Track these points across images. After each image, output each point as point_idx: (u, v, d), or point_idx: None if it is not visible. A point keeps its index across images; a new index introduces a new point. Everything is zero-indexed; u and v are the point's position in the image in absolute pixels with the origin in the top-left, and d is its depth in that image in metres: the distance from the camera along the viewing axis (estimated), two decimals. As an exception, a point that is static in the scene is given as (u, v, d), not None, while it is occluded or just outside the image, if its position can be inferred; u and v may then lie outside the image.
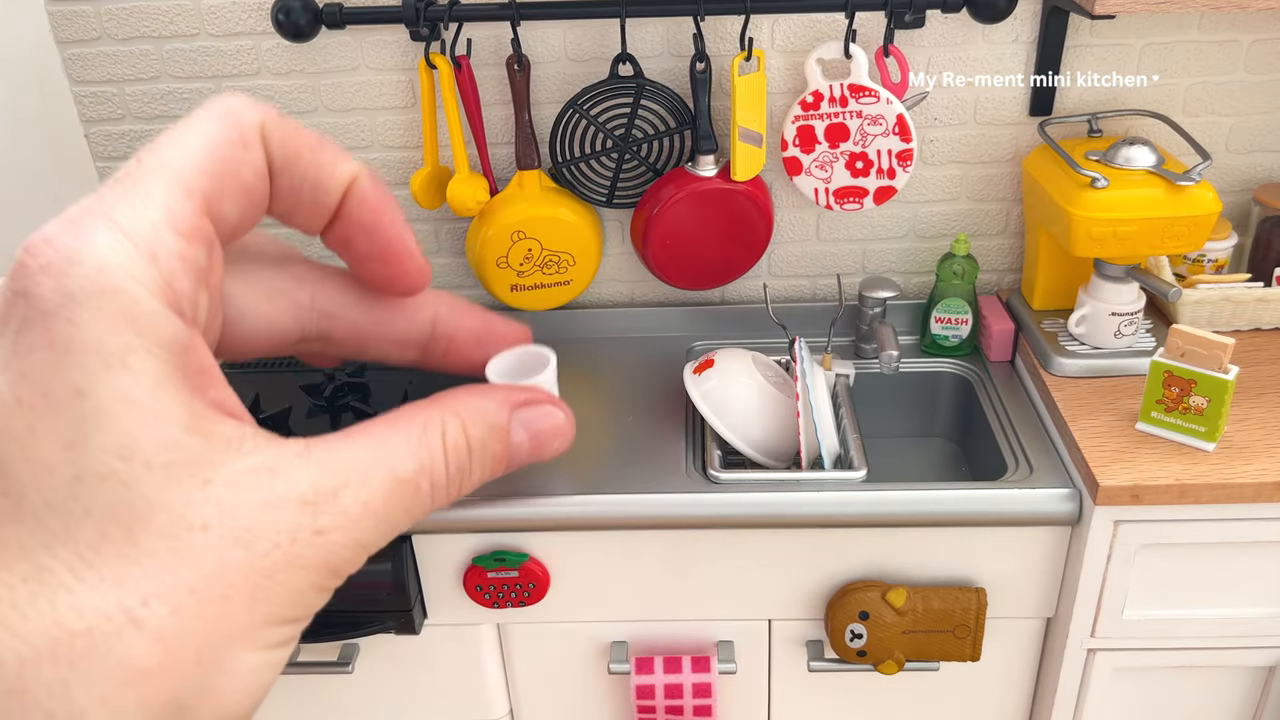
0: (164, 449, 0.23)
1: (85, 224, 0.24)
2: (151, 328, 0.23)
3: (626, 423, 1.31)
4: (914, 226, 1.48)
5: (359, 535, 0.25)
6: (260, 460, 0.24)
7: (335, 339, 0.32)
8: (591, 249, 1.38)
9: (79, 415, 0.22)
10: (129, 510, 0.22)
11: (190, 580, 0.22)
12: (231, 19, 1.35)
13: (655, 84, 1.32)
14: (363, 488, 0.25)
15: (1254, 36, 1.34)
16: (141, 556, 0.22)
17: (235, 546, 0.23)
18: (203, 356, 0.25)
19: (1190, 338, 1.11)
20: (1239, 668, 1.24)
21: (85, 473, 0.22)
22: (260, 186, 0.27)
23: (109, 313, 0.23)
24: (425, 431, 0.28)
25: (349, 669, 1.27)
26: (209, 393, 0.25)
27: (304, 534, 0.24)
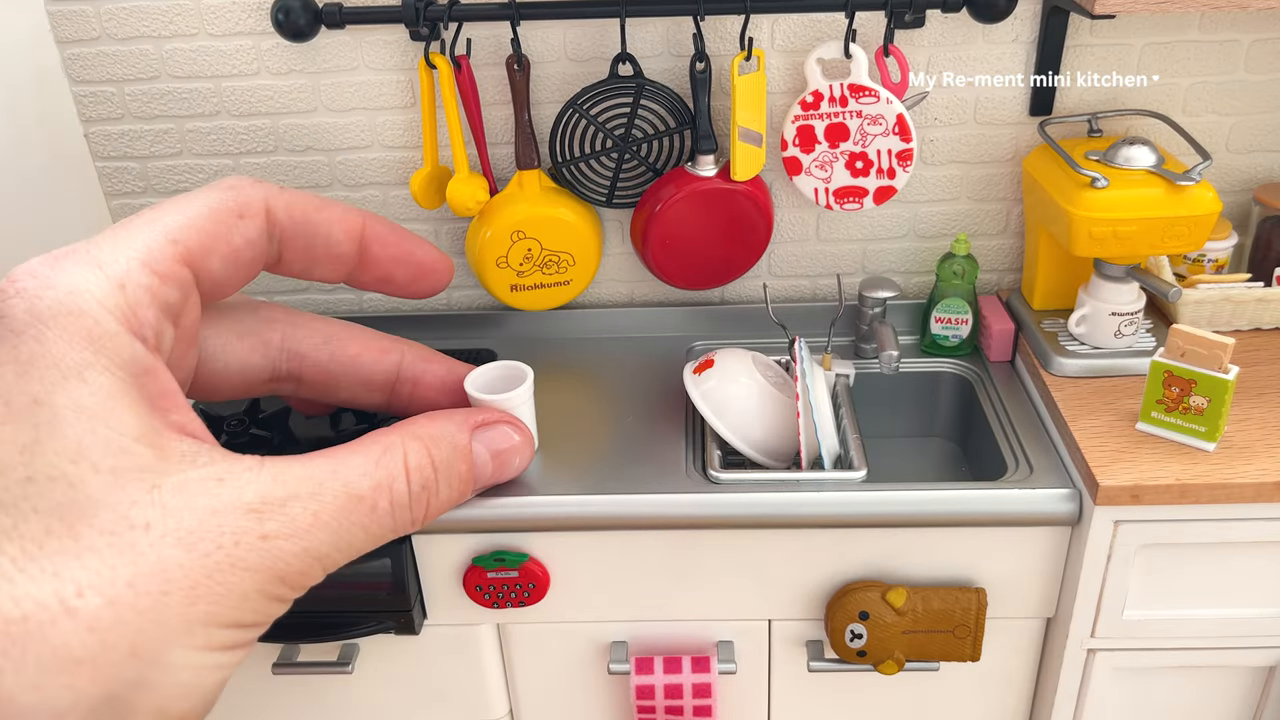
0: (112, 454, 0.24)
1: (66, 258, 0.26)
2: (111, 348, 0.25)
3: (626, 422, 1.31)
4: (914, 226, 1.48)
5: (309, 545, 0.26)
6: (210, 471, 0.25)
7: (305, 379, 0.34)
8: (591, 249, 1.38)
9: (34, 422, 0.23)
10: (74, 509, 0.23)
11: (127, 574, 0.23)
12: (231, 19, 1.35)
13: (655, 84, 1.32)
14: (313, 500, 0.26)
15: (1254, 36, 1.34)
16: (82, 550, 0.23)
17: (177, 546, 0.24)
18: (164, 381, 0.26)
19: (1190, 338, 1.11)
20: (1239, 668, 1.24)
21: (36, 474, 0.23)
22: (249, 252, 0.30)
23: (71, 331, 0.24)
24: (386, 453, 0.29)
25: (349, 669, 1.27)
26: (170, 415, 0.26)
27: (248, 538, 0.25)
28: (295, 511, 0.26)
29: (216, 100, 1.41)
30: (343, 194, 1.48)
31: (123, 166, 1.47)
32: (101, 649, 0.22)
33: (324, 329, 0.35)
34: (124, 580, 0.23)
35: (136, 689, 0.23)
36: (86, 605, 0.22)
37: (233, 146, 1.44)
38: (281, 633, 1.25)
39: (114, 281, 0.26)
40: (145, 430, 0.25)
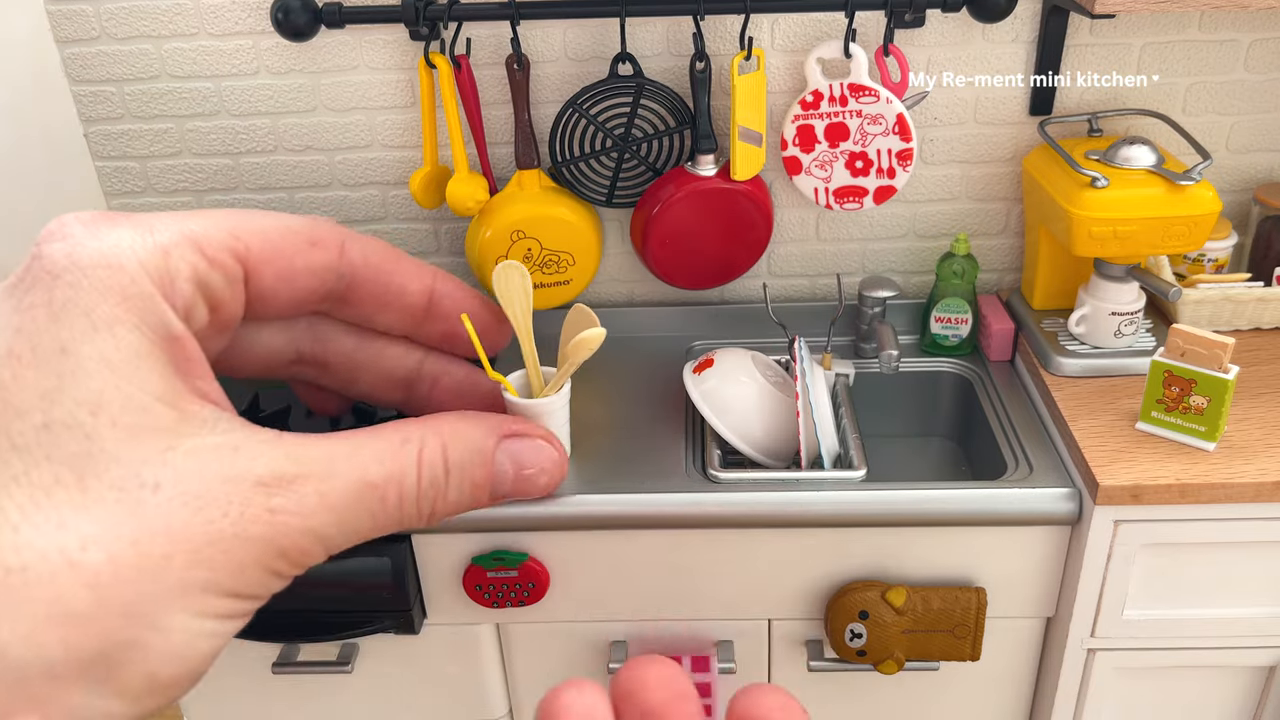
0: (131, 411, 0.24)
1: (121, 217, 0.26)
2: (142, 307, 0.25)
3: (627, 422, 1.31)
4: (914, 226, 1.48)
5: (314, 525, 0.26)
6: (227, 439, 0.25)
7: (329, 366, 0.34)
8: (591, 248, 1.38)
9: (58, 370, 0.23)
10: (86, 460, 0.23)
11: (132, 532, 0.23)
12: (231, 18, 1.35)
13: (655, 83, 1.32)
14: (324, 481, 0.26)
15: (1254, 36, 1.34)
16: (89, 504, 0.22)
17: (183, 509, 0.23)
18: (191, 350, 0.26)
19: (1190, 337, 1.10)
20: (1239, 668, 1.24)
21: (54, 421, 0.23)
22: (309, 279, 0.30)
23: (106, 284, 0.24)
24: (403, 445, 0.28)
25: (348, 669, 1.27)
26: (194, 380, 0.26)
27: (254, 509, 0.25)
28: (305, 491, 0.26)
29: (216, 100, 1.41)
30: (342, 194, 1.48)
31: (123, 166, 1.47)
32: (99, 605, 0.22)
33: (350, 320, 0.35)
34: (128, 538, 0.23)
35: (129, 649, 0.22)
36: (88, 560, 0.22)
37: (232, 146, 1.44)
38: (281, 632, 1.25)
39: (159, 247, 0.26)
40: (167, 391, 0.25)
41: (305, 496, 0.26)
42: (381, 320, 0.34)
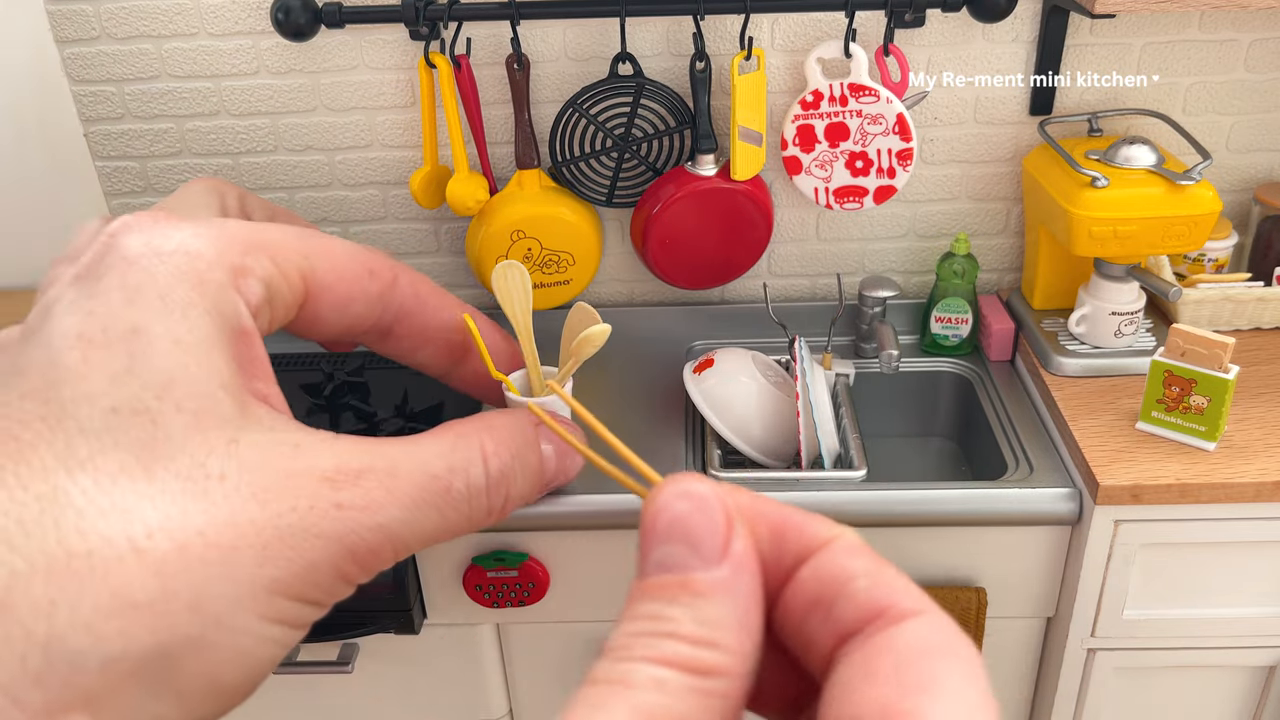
0: (198, 396, 0.23)
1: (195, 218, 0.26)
2: (216, 296, 0.24)
3: (627, 422, 1.31)
4: (914, 226, 1.48)
5: (383, 520, 0.25)
6: (287, 436, 0.25)
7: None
8: (591, 248, 1.38)
9: (129, 351, 0.23)
10: (152, 447, 0.22)
11: (199, 522, 0.22)
12: (231, 18, 1.35)
13: (655, 83, 1.32)
14: (389, 476, 0.25)
15: (1254, 36, 1.34)
16: (155, 492, 0.22)
17: (251, 501, 0.23)
18: (256, 348, 0.26)
19: (1190, 337, 1.10)
20: (1239, 668, 1.24)
21: (122, 405, 0.22)
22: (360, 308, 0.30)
23: (183, 270, 0.24)
24: (460, 439, 0.28)
25: (348, 669, 1.27)
26: (254, 382, 0.25)
27: (323, 504, 0.24)
28: (370, 485, 0.25)
29: (216, 100, 1.41)
30: (342, 193, 1.48)
31: (123, 166, 1.47)
32: (163, 596, 0.21)
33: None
34: (195, 527, 0.22)
35: (191, 647, 0.22)
36: (155, 548, 0.21)
37: (232, 146, 1.44)
38: (281, 632, 1.24)
39: (236, 244, 0.25)
40: (232, 383, 0.24)
41: (371, 491, 0.25)
42: (420, 356, 0.34)
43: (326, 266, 0.28)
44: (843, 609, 0.20)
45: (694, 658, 0.19)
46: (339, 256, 0.29)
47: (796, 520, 0.22)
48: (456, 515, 0.27)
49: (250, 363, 0.25)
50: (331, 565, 0.24)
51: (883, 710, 0.18)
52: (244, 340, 0.25)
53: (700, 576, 0.20)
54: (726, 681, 0.19)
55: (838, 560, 0.21)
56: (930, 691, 0.18)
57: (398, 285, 0.31)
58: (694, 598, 0.20)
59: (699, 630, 0.20)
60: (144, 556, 0.21)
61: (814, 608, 0.20)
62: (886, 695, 0.18)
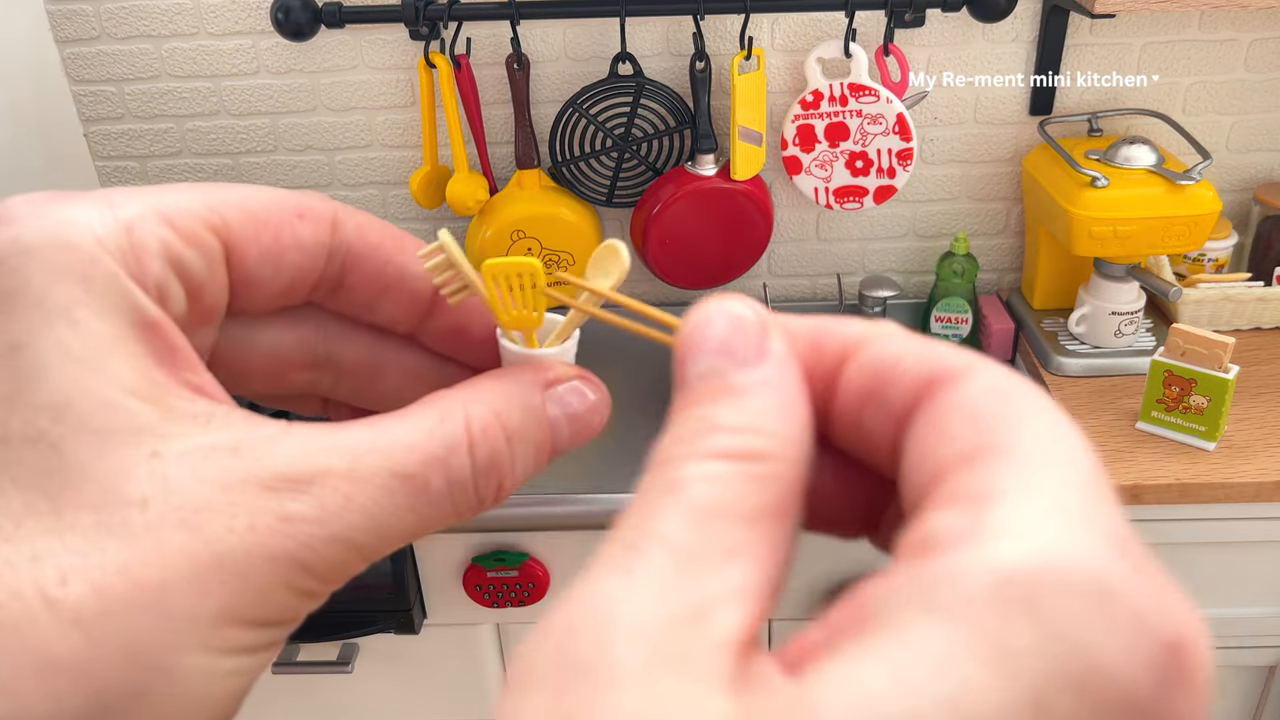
0: (102, 412, 0.20)
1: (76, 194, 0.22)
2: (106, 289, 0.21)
3: (627, 422, 1.31)
4: (914, 226, 1.48)
5: (339, 531, 0.21)
6: (225, 437, 0.21)
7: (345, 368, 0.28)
8: (591, 248, 1.37)
9: (13, 371, 0.20)
10: (57, 478, 0.19)
11: (119, 559, 0.19)
12: (230, 18, 1.35)
13: (655, 83, 1.32)
14: (346, 478, 0.21)
15: (1254, 35, 1.34)
16: (65, 530, 0.19)
17: (179, 528, 0.20)
18: (173, 337, 0.22)
19: (1190, 337, 1.10)
20: (1239, 668, 1.24)
21: (13, 435, 0.20)
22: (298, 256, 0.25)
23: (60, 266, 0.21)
24: (441, 420, 0.23)
25: (348, 669, 1.27)
26: (182, 373, 0.22)
27: (266, 520, 0.20)
28: (324, 492, 0.21)
29: (216, 100, 1.41)
30: (342, 193, 1.48)
31: (123, 166, 1.47)
32: (89, 649, 0.18)
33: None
34: (114, 566, 0.19)
35: (135, 699, 0.19)
36: (70, 595, 0.18)
37: (232, 146, 1.44)
38: (281, 632, 1.25)
39: (121, 222, 0.22)
40: (145, 384, 0.21)
41: (325, 498, 0.21)
42: (382, 311, 0.28)
43: (240, 216, 0.24)
44: (896, 392, 0.19)
45: (739, 445, 0.19)
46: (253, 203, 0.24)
47: (830, 326, 0.21)
48: (438, 513, 0.23)
49: (170, 354, 0.22)
50: (286, 585, 0.21)
51: (967, 456, 0.17)
52: (153, 332, 0.22)
53: (739, 377, 0.20)
54: (775, 464, 0.19)
55: (879, 348, 0.20)
56: (1012, 424, 0.18)
57: (340, 227, 0.26)
58: (735, 397, 0.19)
59: (742, 419, 0.19)
60: (58, 607, 0.18)
61: (867, 401, 0.20)
62: (967, 441, 0.17)
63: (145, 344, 0.21)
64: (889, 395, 0.19)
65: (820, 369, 0.20)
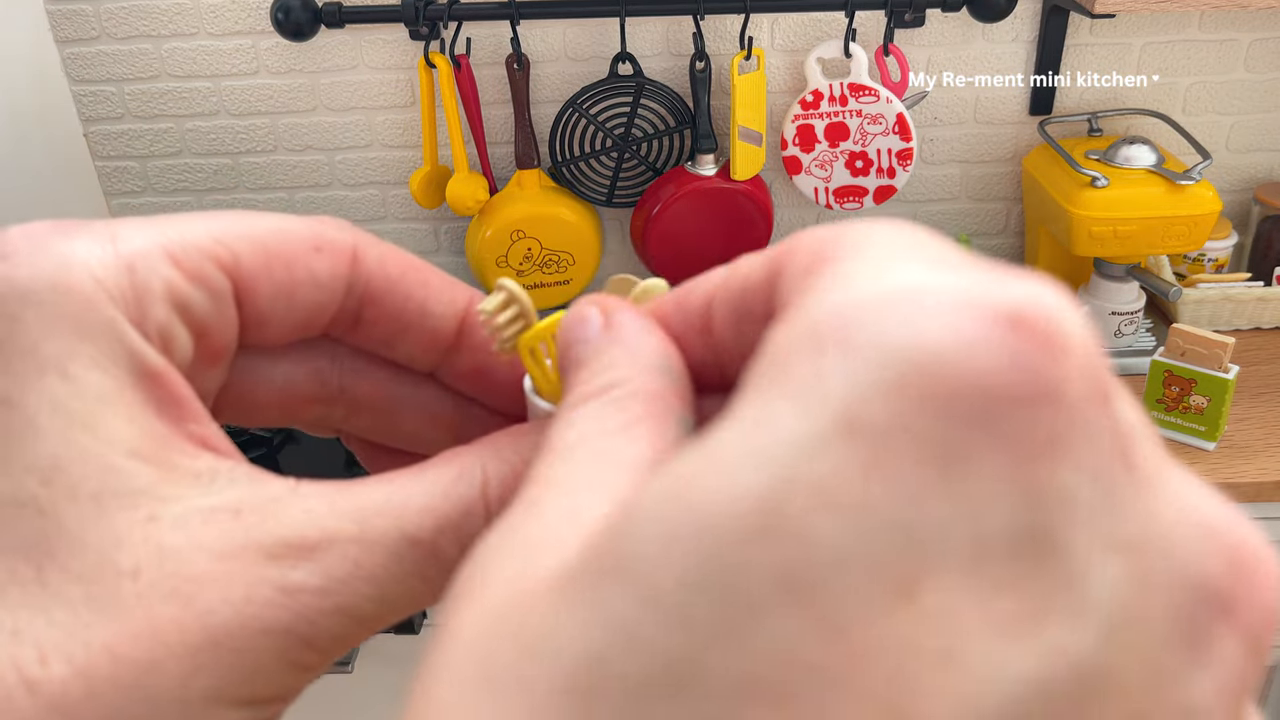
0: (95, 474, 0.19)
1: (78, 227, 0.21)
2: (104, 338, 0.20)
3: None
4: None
5: (345, 602, 0.20)
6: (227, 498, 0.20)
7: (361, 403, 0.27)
8: (591, 248, 1.38)
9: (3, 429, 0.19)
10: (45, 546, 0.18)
11: (106, 636, 0.18)
12: (230, 18, 1.35)
13: (655, 83, 1.32)
14: (355, 544, 0.20)
15: (1254, 35, 1.34)
16: (49, 602, 0.18)
17: (171, 600, 0.18)
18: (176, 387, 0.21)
19: (1190, 337, 1.10)
20: (1239, 667, 1.24)
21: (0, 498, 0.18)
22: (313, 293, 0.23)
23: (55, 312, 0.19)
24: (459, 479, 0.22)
25: (348, 669, 1.27)
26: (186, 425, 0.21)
27: (265, 591, 0.19)
28: (330, 560, 0.20)
29: (216, 99, 1.41)
30: (342, 193, 1.48)
31: (122, 166, 1.47)
32: None
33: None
34: (100, 643, 0.18)
35: None
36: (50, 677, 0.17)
37: (232, 146, 1.44)
38: (281, 632, 1.25)
39: (122, 261, 0.20)
40: (145, 442, 0.19)
41: (332, 567, 0.20)
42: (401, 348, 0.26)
43: (251, 249, 0.22)
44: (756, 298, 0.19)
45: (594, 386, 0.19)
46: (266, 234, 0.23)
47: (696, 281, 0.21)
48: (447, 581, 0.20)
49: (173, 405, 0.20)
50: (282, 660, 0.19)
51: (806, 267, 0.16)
52: (154, 383, 0.20)
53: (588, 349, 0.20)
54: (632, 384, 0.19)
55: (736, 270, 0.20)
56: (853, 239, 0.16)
57: (360, 261, 0.24)
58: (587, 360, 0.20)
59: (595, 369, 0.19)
60: (38, 690, 0.17)
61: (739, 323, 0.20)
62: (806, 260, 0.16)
63: (145, 396, 0.20)
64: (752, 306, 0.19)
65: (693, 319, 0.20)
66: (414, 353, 0.26)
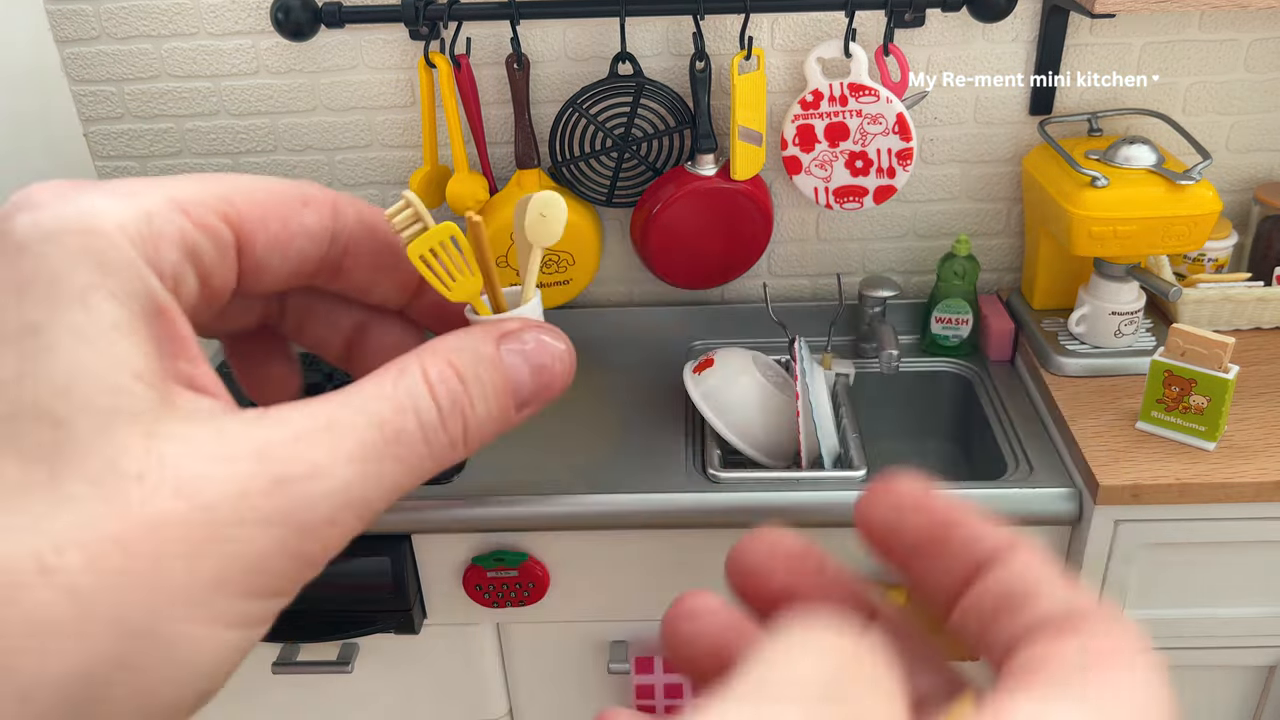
0: (107, 392, 0.21)
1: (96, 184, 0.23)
2: (122, 274, 0.22)
3: (627, 422, 1.31)
4: (914, 226, 1.48)
5: (332, 485, 0.22)
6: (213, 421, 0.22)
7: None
8: (591, 248, 1.38)
9: (28, 350, 0.21)
10: (58, 452, 0.20)
11: (114, 529, 0.20)
12: (230, 18, 1.35)
13: (655, 83, 1.32)
14: (328, 433, 0.23)
15: (1254, 35, 1.34)
16: (62, 501, 0.20)
17: (175, 498, 0.20)
18: (178, 326, 0.23)
19: (1190, 337, 1.10)
20: (1239, 668, 1.24)
21: (21, 410, 0.20)
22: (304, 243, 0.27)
23: (78, 250, 0.22)
24: (401, 374, 0.25)
25: (349, 669, 1.27)
26: (178, 363, 0.23)
27: (260, 483, 0.21)
28: (308, 449, 0.22)
29: (216, 100, 1.41)
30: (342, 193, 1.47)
31: (123, 166, 1.47)
32: (81, 618, 0.19)
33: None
34: (110, 536, 0.19)
35: (121, 669, 0.19)
36: (65, 564, 0.19)
37: (232, 146, 1.44)
38: (281, 632, 1.25)
39: (139, 209, 0.23)
40: (148, 371, 0.22)
41: (315, 457, 0.22)
42: (378, 291, 0.30)
43: (250, 204, 0.25)
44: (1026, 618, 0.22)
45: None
46: (261, 192, 0.26)
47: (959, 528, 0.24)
48: (419, 459, 0.24)
49: (171, 342, 0.23)
50: (284, 550, 0.21)
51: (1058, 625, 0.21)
52: (161, 319, 0.23)
53: None
54: None
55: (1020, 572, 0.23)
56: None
57: (340, 213, 0.28)
58: None
59: None
60: (54, 575, 0.19)
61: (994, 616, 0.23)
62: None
63: (153, 330, 0.22)
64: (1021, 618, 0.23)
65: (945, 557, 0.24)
66: (388, 294, 0.30)
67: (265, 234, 0.26)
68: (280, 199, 0.26)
